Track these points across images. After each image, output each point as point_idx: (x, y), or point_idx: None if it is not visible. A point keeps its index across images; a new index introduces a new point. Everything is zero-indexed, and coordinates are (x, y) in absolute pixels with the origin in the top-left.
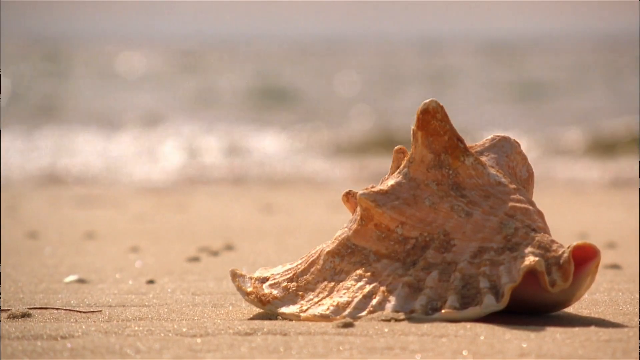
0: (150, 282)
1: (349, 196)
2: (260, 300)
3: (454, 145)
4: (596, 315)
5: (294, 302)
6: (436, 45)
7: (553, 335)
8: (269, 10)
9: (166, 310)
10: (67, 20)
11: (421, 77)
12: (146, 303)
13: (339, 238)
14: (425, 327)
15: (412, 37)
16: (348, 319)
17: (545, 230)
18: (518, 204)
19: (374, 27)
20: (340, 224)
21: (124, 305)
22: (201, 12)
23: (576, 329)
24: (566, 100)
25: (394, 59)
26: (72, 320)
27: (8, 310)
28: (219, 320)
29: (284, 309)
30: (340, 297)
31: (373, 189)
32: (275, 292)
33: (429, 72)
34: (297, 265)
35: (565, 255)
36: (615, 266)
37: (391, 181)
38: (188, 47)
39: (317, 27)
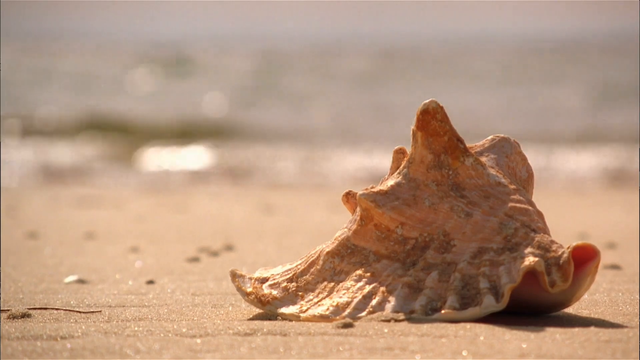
0: (150, 282)
1: (348, 196)
2: (260, 301)
3: (454, 145)
4: (596, 316)
5: (294, 303)
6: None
7: (553, 335)
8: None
9: (166, 310)
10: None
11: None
12: (146, 303)
13: (339, 238)
14: (425, 327)
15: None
16: (348, 320)
17: (545, 230)
18: (518, 205)
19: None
20: (340, 224)
21: (123, 306)
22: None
23: (576, 330)
24: None
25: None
26: (72, 320)
27: (8, 310)
28: (218, 321)
29: (284, 310)
30: (340, 297)
31: (373, 190)
32: (275, 292)
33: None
34: (296, 266)
35: (565, 255)
36: (615, 266)
37: (391, 181)
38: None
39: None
